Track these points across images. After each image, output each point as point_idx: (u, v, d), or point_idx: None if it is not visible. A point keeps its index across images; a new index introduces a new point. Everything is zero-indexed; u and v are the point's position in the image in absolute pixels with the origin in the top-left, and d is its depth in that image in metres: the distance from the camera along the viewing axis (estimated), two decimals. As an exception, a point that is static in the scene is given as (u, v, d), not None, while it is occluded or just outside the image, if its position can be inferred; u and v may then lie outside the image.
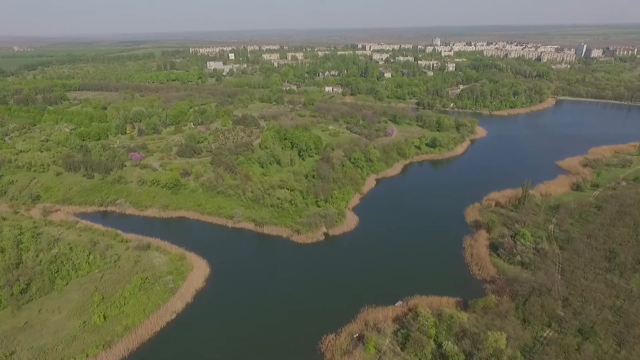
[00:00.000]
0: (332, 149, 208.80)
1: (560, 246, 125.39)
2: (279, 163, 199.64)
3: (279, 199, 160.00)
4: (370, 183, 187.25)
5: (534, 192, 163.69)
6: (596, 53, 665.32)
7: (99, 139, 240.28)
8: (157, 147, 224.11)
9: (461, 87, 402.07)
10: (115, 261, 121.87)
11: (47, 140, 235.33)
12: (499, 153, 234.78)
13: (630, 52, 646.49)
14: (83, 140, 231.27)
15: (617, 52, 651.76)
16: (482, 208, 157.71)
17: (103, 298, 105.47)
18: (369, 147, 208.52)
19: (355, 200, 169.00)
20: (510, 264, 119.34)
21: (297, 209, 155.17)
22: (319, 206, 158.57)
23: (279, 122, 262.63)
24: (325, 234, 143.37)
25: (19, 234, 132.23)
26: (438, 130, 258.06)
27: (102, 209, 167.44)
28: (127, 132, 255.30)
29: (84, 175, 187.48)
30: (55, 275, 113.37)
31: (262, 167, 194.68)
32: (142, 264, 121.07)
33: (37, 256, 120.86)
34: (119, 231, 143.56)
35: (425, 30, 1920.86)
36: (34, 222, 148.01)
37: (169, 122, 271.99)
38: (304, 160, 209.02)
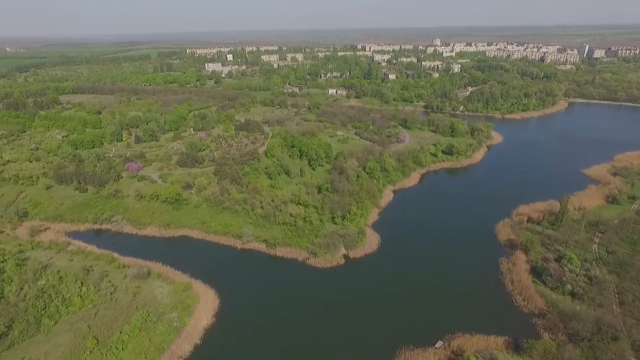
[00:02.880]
0: (344, 158, 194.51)
1: (618, 274, 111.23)
2: (287, 173, 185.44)
3: (291, 215, 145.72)
4: (387, 195, 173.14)
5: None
6: (599, 53, 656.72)
7: (93, 146, 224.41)
8: (156, 156, 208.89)
9: (470, 89, 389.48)
10: (111, 293, 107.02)
11: (37, 149, 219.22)
12: (519, 160, 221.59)
13: (632, 52, 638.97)
14: (76, 148, 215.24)
15: (620, 53, 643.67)
16: (513, 224, 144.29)
17: (97, 342, 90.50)
18: (384, 155, 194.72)
19: (373, 215, 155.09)
20: (559, 293, 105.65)
21: (312, 228, 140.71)
22: (335, 223, 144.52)
23: (285, 128, 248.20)
24: (345, 256, 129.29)
25: (1, 261, 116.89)
26: (452, 136, 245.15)
27: (96, 226, 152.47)
28: (124, 139, 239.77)
29: (76, 189, 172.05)
30: (42, 312, 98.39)
31: (270, 178, 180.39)
32: (142, 297, 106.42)
33: (21, 289, 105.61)
34: (115, 254, 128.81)
35: (423, 30, 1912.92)
36: (20, 245, 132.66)
37: (167, 128, 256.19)
38: (314, 170, 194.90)
